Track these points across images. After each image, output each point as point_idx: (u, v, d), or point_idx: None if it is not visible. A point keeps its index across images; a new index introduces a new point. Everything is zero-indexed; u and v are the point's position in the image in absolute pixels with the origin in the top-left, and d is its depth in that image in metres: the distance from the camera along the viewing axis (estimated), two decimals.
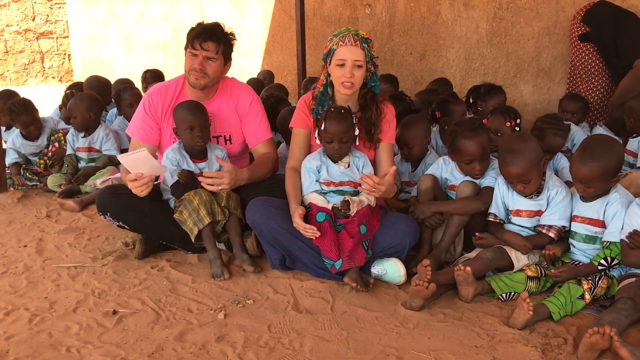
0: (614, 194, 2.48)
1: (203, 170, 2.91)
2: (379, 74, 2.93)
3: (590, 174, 2.40)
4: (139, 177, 2.65)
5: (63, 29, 11.18)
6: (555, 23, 5.23)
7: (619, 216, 2.43)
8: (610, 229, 2.45)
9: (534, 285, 2.49)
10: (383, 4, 6.24)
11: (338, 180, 2.78)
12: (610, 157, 2.40)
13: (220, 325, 2.30)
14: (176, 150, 2.92)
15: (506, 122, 3.24)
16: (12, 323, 2.34)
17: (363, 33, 2.79)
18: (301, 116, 2.94)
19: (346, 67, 2.72)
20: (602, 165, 2.38)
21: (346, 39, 2.73)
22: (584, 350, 1.99)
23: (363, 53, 2.73)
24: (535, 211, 2.64)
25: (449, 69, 5.92)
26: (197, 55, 2.93)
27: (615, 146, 2.48)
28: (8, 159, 4.43)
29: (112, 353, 2.11)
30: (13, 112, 4.34)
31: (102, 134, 4.28)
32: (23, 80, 10.84)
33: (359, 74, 2.74)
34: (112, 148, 4.29)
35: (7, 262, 2.99)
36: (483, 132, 2.80)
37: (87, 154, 4.29)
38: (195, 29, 2.97)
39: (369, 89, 2.87)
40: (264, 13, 7.39)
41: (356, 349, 2.13)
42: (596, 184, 2.42)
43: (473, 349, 2.11)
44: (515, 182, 2.58)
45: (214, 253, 2.80)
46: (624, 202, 2.45)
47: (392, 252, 2.67)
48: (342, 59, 2.72)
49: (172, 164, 2.88)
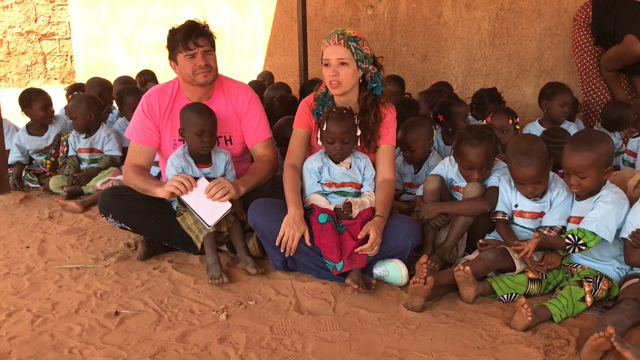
0: (603, 191, 2.46)
1: (208, 174, 2.91)
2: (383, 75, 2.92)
3: (584, 160, 2.37)
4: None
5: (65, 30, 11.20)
6: (557, 24, 5.23)
7: (599, 209, 2.40)
8: (588, 217, 2.41)
9: (535, 287, 2.48)
10: (385, 5, 6.24)
11: (340, 181, 2.78)
12: (601, 144, 2.40)
13: (223, 327, 2.30)
14: (181, 156, 2.89)
15: (509, 119, 3.26)
16: (15, 324, 2.34)
17: (350, 32, 2.78)
18: (303, 116, 2.94)
19: (330, 66, 2.73)
20: (594, 152, 2.37)
21: (330, 39, 2.76)
22: (588, 352, 1.98)
23: (348, 51, 2.72)
24: (538, 212, 2.64)
25: (450, 70, 5.92)
26: (195, 53, 2.92)
27: (604, 136, 2.48)
28: (11, 157, 4.44)
29: (114, 354, 2.11)
30: (32, 92, 4.51)
31: (104, 135, 4.30)
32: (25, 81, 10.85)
33: (345, 72, 2.73)
34: (114, 148, 4.30)
35: (10, 263, 2.99)
36: (490, 143, 2.75)
37: (89, 155, 4.30)
38: (178, 34, 2.93)
39: (370, 91, 2.85)
40: (265, 15, 7.40)
41: (358, 350, 2.13)
42: (590, 172, 2.38)
43: (475, 350, 2.11)
44: (527, 183, 2.55)
45: (213, 258, 2.74)
46: (610, 198, 2.41)
47: (395, 253, 2.66)
48: (326, 58, 2.75)
49: (177, 170, 2.86)
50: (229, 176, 2.99)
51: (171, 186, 2.73)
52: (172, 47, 2.97)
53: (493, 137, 2.80)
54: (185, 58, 2.94)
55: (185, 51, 2.92)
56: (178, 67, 3.00)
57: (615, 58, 4.47)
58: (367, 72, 2.80)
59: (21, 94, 4.54)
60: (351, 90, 2.82)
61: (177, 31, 2.96)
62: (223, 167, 2.98)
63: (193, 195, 2.73)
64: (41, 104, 4.44)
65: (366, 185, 2.81)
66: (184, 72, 2.98)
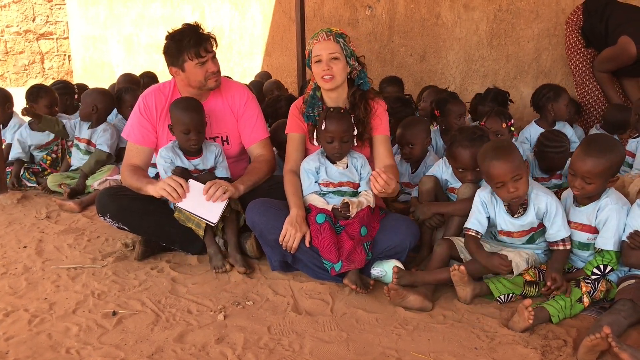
0: (604, 199, 2.43)
1: (197, 166, 2.92)
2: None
3: (595, 167, 2.34)
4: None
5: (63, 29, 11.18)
6: (555, 25, 5.23)
7: (610, 222, 2.39)
8: (603, 235, 2.41)
9: (532, 290, 2.48)
10: (383, 6, 6.24)
11: (337, 181, 2.78)
12: (615, 153, 2.37)
13: (220, 327, 2.30)
14: (169, 149, 2.93)
15: (502, 123, 3.25)
16: (12, 324, 2.34)
17: (337, 29, 2.82)
18: (295, 121, 2.95)
19: (322, 61, 2.75)
20: (607, 160, 2.34)
21: (319, 36, 2.78)
22: (584, 352, 1.99)
23: (338, 46, 2.75)
24: (527, 231, 2.55)
25: (449, 71, 5.93)
26: (207, 60, 2.92)
27: (619, 145, 2.46)
28: (12, 154, 4.45)
29: (111, 354, 2.11)
30: (41, 89, 4.60)
31: (101, 129, 4.32)
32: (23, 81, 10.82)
33: (338, 66, 2.75)
34: (105, 144, 4.27)
35: (7, 263, 2.99)
36: (482, 144, 2.68)
37: (86, 146, 4.34)
38: (184, 41, 2.88)
39: (357, 87, 2.87)
40: (264, 14, 7.40)
41: (356, 350, 2.13)
42: (597, 180, 2.37)
43: (473, 351, 2.11)
44: (507, 180, 2.41)
45: (214, 248, 2.83)
46: (615, 208, 2.40)
47: (392, 253, 2.66)
48: (317, 54, 2.76)
49: (166, 161, 2.90)
50: (220, 168, 3.00)
51: (164, 190, 2.73)
52: (178, 54, 2.92)
53: (485, 138, 2.78)
54: (195, 65, 2.92)
55: (197, 59, 2.90)
56: (184, 74, 2.96)
57: (609, 59, 4.47)
58: (354, 69, 2.82)
59: (30, 88, 4.59)
60: (341, 86, 2.84)
61: (181, 38, 2.91)
62: (213, 159, 2.98)
63: (187, 199, 2.73)
64: (47, 101, 4.50)
65: (363, 183, 2.81)
66: (194, 78, 2.96)
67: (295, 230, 2.61)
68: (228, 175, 3.01)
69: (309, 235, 2.63)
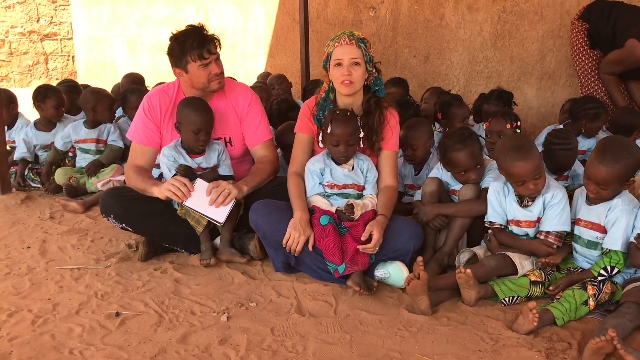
0: (616, 200, 2.42)
1: (200, 164, 2.92)
2: (386, 77, 2.93)
3: (610, 175, 2.33)
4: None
5: (67, 30, 11.20)
6: (559, 26, 5.22)
7: (619, 223, 2.38)
8: (611, 235, 2.40)
9: (537, 290, 2.47)
10: (387, 7, 6.24)
11: (342, 183, 2.77)
12: (631, 159, 2.35)
13: (223, 328, 2.30)
14: (172, 148, 2.95)
15: (507, 124, 3.23)
16: (15, 325, 2.34)
17: (359, 34, 2.79)
18: (305, 122, 2.92)
19: (343, 65, 2.72)
20: (622, 167, 2.33)
21: (341, 39, 2.74)
22: (589, 355, 1.98)
23: (359, 51, 2.72)
24: (534, 221, 2.58)
25: (452, 72, 5.92)
26: (210, 62, 2.92)
27: (636, 149, 2.41)
28: (17, 153, 4.46)
29: (114, 355, 2.11)
30: (49, 89, 4.58)
31: (110, 126, 4.36)
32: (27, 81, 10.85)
33: (358, 72, 2.73)
34: (118, 139, 4.34)
35: (11, 263, 2.99)
36: (473, 142, 2.76)
37: (96, 145, 4.33)
38: (187, 42, 2.88)
39: (372, 93, 2.85)
40: (267, 16, 7.40)
41: (359, 352, 2.12)
42: (612, 186, 2.37)
43: (477, 353, 2.10)
44: (529, 179, 2.47)
45: (206, 245, 2.90)
46: (626, 209, 2.39)
47: (396, 255, 2.65)
48: (338, 58, 2.73)
49: (169, 160, 2.91)
50: (223, 166, 3.00)
51: (168, 191, 2.74)
52: (181, 55, 2.92)
53: (474, 135, 2.83)
54: (199, 67, 2.92)
55: (200, 60, 2.90)
56: (187, 75, 2.96)
57: (616, 62, 4.47)
58: (370, 75, 2.81)
59: (37, 88, 4.59)
60: (358, 92, 2.82)
61: (185, 39, 2.91)
62: (216, 157, 2.99)
63: (194, 198, 2.74)
64: (55, 102, 4.49)
65: (369, 187, 2.80)
66: (198, 80, 2.96)
67: (299, 233, 2.61)
68: (231, 174, 3.01)
69: (312, 239, 2.62)
